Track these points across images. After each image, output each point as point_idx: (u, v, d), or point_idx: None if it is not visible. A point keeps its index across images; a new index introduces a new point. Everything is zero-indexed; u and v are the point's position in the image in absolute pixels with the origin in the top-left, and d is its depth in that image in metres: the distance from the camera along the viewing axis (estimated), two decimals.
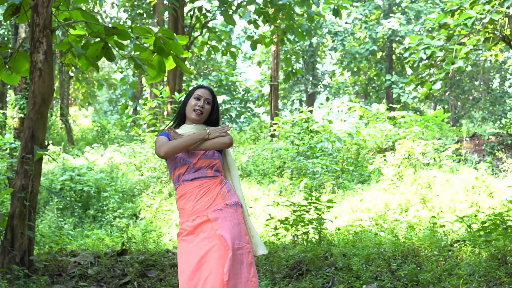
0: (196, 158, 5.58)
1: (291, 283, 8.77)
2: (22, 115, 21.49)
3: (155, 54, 10.32)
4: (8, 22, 27.08)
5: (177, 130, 5.70)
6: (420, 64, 20.08)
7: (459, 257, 9.00)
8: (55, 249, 10.52)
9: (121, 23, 34.61)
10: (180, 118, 5.80)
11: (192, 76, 42.20)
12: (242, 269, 5.41)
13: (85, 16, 9.98)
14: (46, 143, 9.40)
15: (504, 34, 17.04)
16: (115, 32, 9.68)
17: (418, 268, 8.62)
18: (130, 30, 10.13)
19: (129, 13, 32.96)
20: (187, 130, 5.68)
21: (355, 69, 47.27)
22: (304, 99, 51.20)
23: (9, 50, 10.47)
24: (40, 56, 9.12)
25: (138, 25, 30.67)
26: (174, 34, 10.46)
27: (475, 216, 11.11)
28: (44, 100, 9.16)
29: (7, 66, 9.88)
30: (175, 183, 5.66)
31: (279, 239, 11.40)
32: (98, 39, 9.90)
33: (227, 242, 5.35)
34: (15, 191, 9.05)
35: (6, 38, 29.56)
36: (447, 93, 43.49)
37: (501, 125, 33.86)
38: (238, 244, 5.41)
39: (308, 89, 49.37)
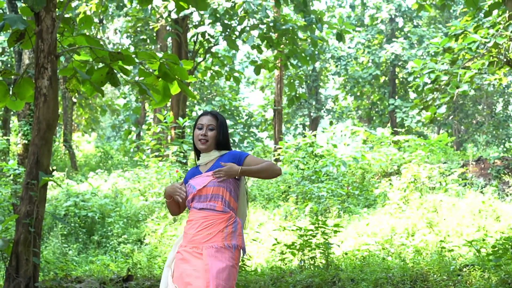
0: (202, 185, 5.58)
1: None
2: (26, 141, 21.43)
3: (160, 79, 10.28)
4: (11, 48, 27.15)
5: (198, 161, 5.82)
6: (424, 88, 20.04)
7: (468, 282, 8.91)
8: (60, 275, 10.43)
9: (124, 49, 34.68)
10: (195, 149, 5.84)
11: (196, 101, 42.23)
12: None
13: (89, 42, 9.96)
14: (50, 169, 9.36)
15: (508, 58, 17.01)
16: (119, 57, 9.66)
17: None
18: (134, 55, 10.11)
19: (132, 39, 33.03)
20: (202, 159, 5.76)
21: (358, 94, 47.26)
22: (308, 123, 51.18)
23: (13, 77, 10.44)
24: (45, 82, 9.10)
25: (142, 50, 30.76)
26: (179, 59, 10.43)
27: (483, 240, 11.04)
28: (49, 126, 9.13)
29: (11, 93, 9.83)
30: (188, 206, 5.71)
31: (286, 264, 11.33)
32: (103, 64, 9.87)
33: (211, 280, 5.30)
34: (20, 217, 8.99)
35: (9, 65, 29.57)
36: (450, 117, 43.48)
37: (505, 149, 33.83)
38: (223, 286, 5.33)
39: (312, 114, 49.36)
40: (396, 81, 46.28)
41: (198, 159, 5.85)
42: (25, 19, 8.69)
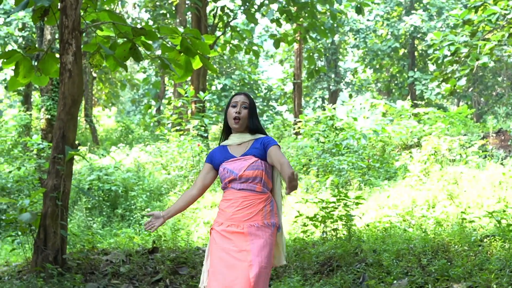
0: (242, 170, 5.66)
1: (322, 279, 8.82)
2: (49, 116, 21.66)
3: (182, 53, 10.38)
4: (32, 24, 27.31)
5: (226, 142, 5.87)
6: (444, 60, 20.00)
7: (489, 252, 8.99)
8: (86, 247, 10.61)
9: (143, 23, 34.78)
10: (226, 129, 5.90)
11: (215, 75, 42.32)
12: (260, 286, 5.51)
13: (112, 18, 10.08)
14: (76, 144, 9.51)
15: None
16: (142, 32, 9.78)
17: (449, 263, 8.63)
18: (157, 30, 10.22)
19: (151, 13, 33.10)
20: (233, 140, 5.81)
21: (378, 66, 47.19)
22: (327, 96, 51.18)
23: (36, 52, 10.57)
24: (70, 57, 9.22)
25: (161, 25, 30.84)
26: (200, 33, 10.53)
27: (504, 211, 11.09)
28: (74, 101, 9.27)
29: (36, 68, 9.96)
30: (224, 188, 5.78)
31: (308, 235, 11.43)
32: (126, 40, 9.98)
33: (253, 259, 5.46)
34: (47, 191, 9.16)
35: (30, 40, 29.74)
36: (470, 89, 43.34)
37: None
38: (265, 263, 5.50)
39: (331, 87, 49.35)
40: (416, 53, 46.14)
41: (225, 139, 5.94)
42: None
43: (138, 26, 31.56)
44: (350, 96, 49.67)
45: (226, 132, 5.93)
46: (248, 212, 5.59)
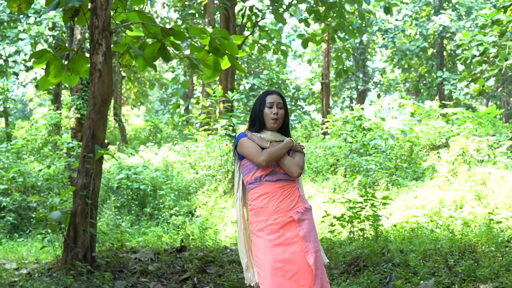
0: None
1: (348, 279, 8.86)
2: (79, 115, 21.85)
3: (211, 54, 10.45)
4: (63, 24, 27.54)
5: (257, 134, 5.83)
6: (473, 60, 19.97)
7: None
8: (115, 246, 10.71)
9: (172, 23, 34.92)
10: (259, 123, 5.85)
11: (244, 75, 42.39)
12: (323, 270, 5.64)
13: (142, 18, 10.17)
14: (106, 143, 9.61)
15: None
16: (171, 33, 9.87)
17: (476, 264, 8.64)
18: (185, 30, 10.30)
19: (180, 13, 33.22)
20: (266, 135, 5.80)
21: (406, 66, 47.06)
22: (355, 96, 51.11)
23: (67, 52, 10.67)
24: (100, 57, 9.32)
25: (190, 25, 30.98)
26: (229, 34, 10.60)
27: None
28: (104, 100, 9.37)
29: (66, 68, 10.06)
30: (254, 183, 5.76)
31: (335, 235, 11.48)
32: (155, 40, 10.07)
33: (307, 245, 5.57)
34: (77, 189, 9.26)
35: (60, 39, 29.97)
36: (499, 89, 43.08)
37: None
38: (316, 247, 5.63)
39: (359, 86, 49.27)
40: (444, 53, 45.94)
41: (255, 130, 5.90)
42: None
43: (167, 26, 31.72)
44: (378, 96, 49.57)
45: (257, 125, 5.88)
46: (290, 200, 5.68)
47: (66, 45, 25.90)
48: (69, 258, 9.15)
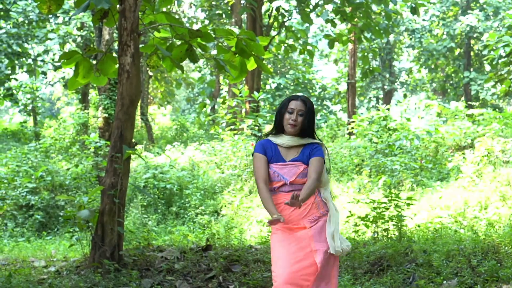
0: (293, 177, 5.80)
1: (372, 279, 8.95)
2: (107, 115, 22.05)
3: (237, 55, 10.56)
4: (91, 24, 27.78)
5: (275, 138, 5.92)
6: (499, 61, 19.95)
7: None
8: (142, 244, 10.85)
9: (199, 22, 35.08)
10: (278, 127, 5.93)
11: (269, 75, 42.49)
12: (328, 270, 5.76)
13: (169, 19, 10.31)
14: (133, 142, 9.74)
15: None
16: (198, 34, 9.99)
17: (499, 265, 8.69)
18: (212, 32, 10.42)
19: (207, 13, 33.37)
20: (284, 141, 5.88)
21: (433, 66, 46.94)
22: (381, 96, 51.04)
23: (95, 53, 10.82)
24: (128, 59, 9.45)
25: (216, 25, 31.13)
26: (255, 35, 10.71)
27: None
28: (132, 101, 9.51)
29: (95, 69, 10.21)
30: (272, 191, 5.87)
31: (359, 235, 11.56)
32: (182, 41, 10.21)
33: (316, 245, 5.70)
34: (105, 188, 9.41)
35: (88, 39, 30.24)
36: None
37: None
38: (326, 247, 5.73)
39: (385, 86, 49.19)
40: (471, 53, 45.79)
41: (274, 134, 6.01)
42: None
43: (194, 25, 31.88)
44: (405, 96, 49.46)
45: (277, 128, 5.97)
46: (303, 208, 5.75)
47: (94, 45, 26.14)
48: (97, 256, 9.30)
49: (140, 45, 10.20)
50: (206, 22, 33.64)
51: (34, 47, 32.50)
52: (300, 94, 9.59)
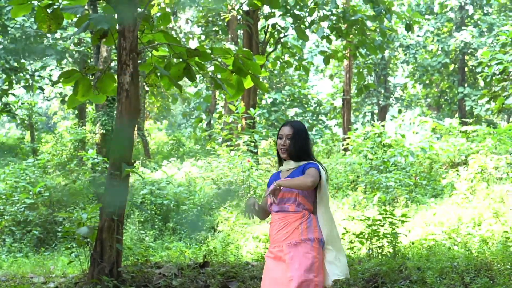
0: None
1: None
2: (104, 131, 22.15)
3: (234, 73, 10.71)
4: (89, 40, 27.92)
5: (280, 168, 6.34)
6: (493, 78, 20.13)
7: None
8: (140, 261, 10.96)
9: (195, 38, 35.23)
10: (278, 155, 6.36)
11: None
12: None
13: (167, 39, 10.46)
14: (132, 161, 9.87)
15: None
16: (196, 53, 10.14)
17: (491, 282, 8.83)
18: (210, 51, 10.57)
19: (203, 29, 33.54)
20: (283, 167, 6.29)
21: (427, 82, 47.19)
22: (376, 111, 51.23)
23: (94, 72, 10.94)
24: (127, 78, 9.58)
25: (213, 41, 31.28)
26: (252, 54, 10.86)
27: None
28: (131, 120, 9.64)
29: (94, 87, 10.34)
30: (269, 211, 6.29)
31: (355, 252, 11.70)
32: (180, 60, 10.35)
33: (293, 274, 5.85)
34: (104, 206, 9.53)
35: (86, 55, 30.36)
36: None
37: None
38: (306, 277, 5.86)
39: (380, 102, 49.38)
40: (466, 69, 46.03)
41: (281, 165, 6.38)
42: (109, 19, 9.15)
43: (191, 41, 31.96)
44: (400, 111, 49.65)
45: (279, 157, 6.37)
46: (285, 231, 6.03)
47: (92, 61, 26.27)
48: (96, 273, 9.41)
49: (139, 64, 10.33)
50: (203, 37, 33.80)
51: (32, 63, 32.62)
52: (290, 119, 9.83)
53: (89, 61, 29.93)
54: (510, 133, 25.66)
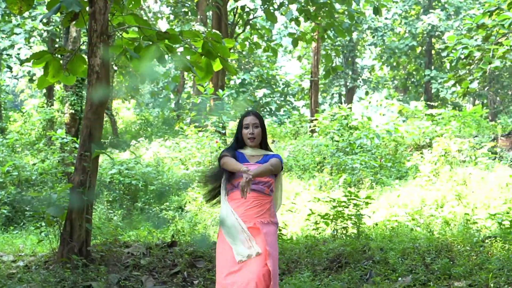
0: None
1: (331, 275, 9.34)
2: (73, 111, 22.13)
3: (203, 56, 10.85)
4: (57, 19, 27.81)
5: (239, 149, 6.53)
6: (458, 62, 20.38)
7: (490, 252, 9.45)
8: (109, 240, 11.10)
9: (164, 18, 35.20)
10: (239, 142, 6.57)
11: None
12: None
13: (138, 21, 10.57)
14: (102, 142, 10.00)
15: None
16: (166, 36, 10.27)
17: (451, 262, 9.11)
18: (180, 34, 10.70)
19: (172, 9, 33.49)
20: (247, 151, 6.51)
21: (395, 64, 47.53)
22: (344, 93, 51.49)
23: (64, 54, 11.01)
24: (97, 60, 9.70)
25: (182, 21, 31.30)
26: (221, 37, 11.00)
27: (507, 213, 11.53)
28: (101, 101, 9.77)
29: (64, 68, 10.43)
30: (232, 188, 6.39)
31: (320, 233, 11.94)
32: (150, 42, 10.47)
33: (270, 250, 6.15)
34: (74, 186, 9.67)
35: (54, 34, 30.21)
36: (486, 88, 43.55)
37: None
38: (277, 256, 6.29)
39: (348, 84, 49.65)
40: (433, 52, 46.42)
41: (237, 148, 6.57)
42: (79, 1, 9.24)
43: (160, 21, 31.88)
44: (367, 93, 49.98)
45: (239, 144, 6.57)
46: (258, 210, 6.28)
47: (61, 41, 26.20)
48: (65, 252, 9.55)
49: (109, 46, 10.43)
50: (172, 17, 33.80)
51: (0, 41, 32.44)
52: (250, 109, 10.13)
53: (57, 40, 29.83)
54: (474, 116, 26.07)
